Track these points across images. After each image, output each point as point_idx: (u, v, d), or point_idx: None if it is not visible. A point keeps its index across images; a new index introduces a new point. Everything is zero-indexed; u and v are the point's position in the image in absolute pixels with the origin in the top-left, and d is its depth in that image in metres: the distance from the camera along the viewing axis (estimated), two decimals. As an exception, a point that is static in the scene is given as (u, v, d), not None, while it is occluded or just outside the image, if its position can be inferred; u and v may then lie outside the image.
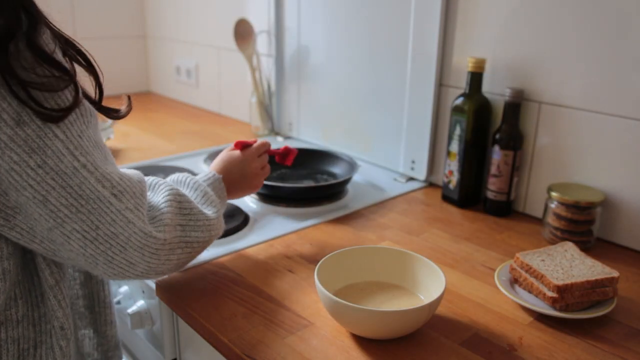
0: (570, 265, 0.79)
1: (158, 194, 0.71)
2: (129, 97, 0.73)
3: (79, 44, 0.63)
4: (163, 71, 2.10)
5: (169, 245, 0.66)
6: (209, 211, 0.75)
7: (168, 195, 0.70)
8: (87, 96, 0.63)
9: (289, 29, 1.47)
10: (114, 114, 0.70)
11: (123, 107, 0.71)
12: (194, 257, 0.73)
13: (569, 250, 0.83)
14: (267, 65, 1.57)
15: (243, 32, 1.51)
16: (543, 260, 0.80)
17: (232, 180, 0.87)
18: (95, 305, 0.78)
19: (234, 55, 1.70)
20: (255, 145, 0.93)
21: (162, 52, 2.08)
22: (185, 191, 0.77)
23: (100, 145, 0.61)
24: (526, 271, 0.79)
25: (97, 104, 0.65)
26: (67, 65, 0.58)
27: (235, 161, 0.90)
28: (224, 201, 0.84)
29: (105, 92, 0.65)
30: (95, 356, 0.79)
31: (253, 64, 1.54)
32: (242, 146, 0.92)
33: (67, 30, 0.61)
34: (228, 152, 0.92)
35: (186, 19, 1.92)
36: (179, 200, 0.70)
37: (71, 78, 0.57)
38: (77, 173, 0.57)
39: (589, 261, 0.80)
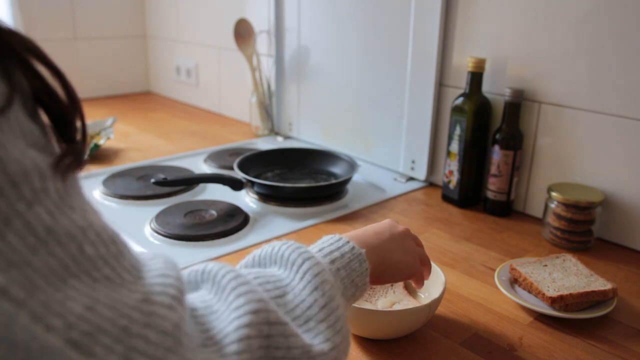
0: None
1: (226, 305, 0.39)
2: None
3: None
4: (163, 71, 2.10)
5: None
6: (321, 339, 0.43)
7: (245, 316, 0.38)
8: None
9: (289, 29, 1.47)
10: None
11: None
12: None
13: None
14: (267, 65, 1.57)
15: (243, 32, 1.51)
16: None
17: (380, 259, 0.57)
18: None
19: (234, 55, 1.70)
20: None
21: (162, 52, 2.08)
22: (287, 294, 0.45)
23: None
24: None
25: None
26: None
27: (392, 236, 0.62)
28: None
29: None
30: None
31: (253, 64, 1.54)
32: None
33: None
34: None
35: (186, 19, 1.92)
36: (266, 334, 0.39)
37: None
38: None
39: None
